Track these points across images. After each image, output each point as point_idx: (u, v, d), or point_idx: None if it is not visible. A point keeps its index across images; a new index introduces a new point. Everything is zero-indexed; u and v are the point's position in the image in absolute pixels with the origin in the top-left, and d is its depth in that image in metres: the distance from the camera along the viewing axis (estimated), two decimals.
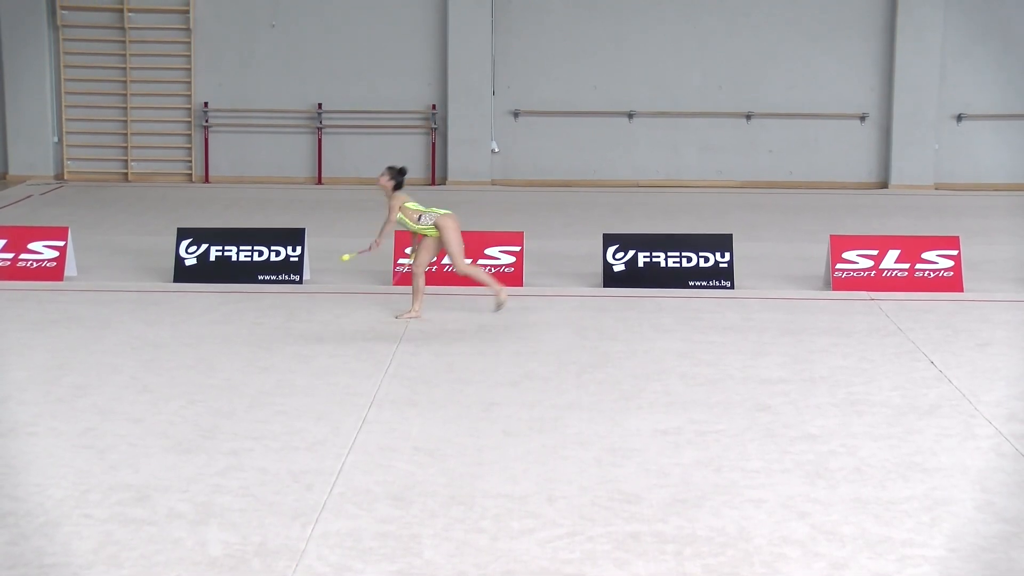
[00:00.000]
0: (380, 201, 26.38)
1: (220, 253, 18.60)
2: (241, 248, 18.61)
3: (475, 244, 18.40)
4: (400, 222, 16.20)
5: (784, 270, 19.60)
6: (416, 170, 29.10)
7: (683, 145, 29.14)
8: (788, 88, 29.04)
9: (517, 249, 18.42)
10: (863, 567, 9.08)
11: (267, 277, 18.45)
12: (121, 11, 28.96)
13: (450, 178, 28.95)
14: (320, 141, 29.13)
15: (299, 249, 18.55)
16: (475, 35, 28.66)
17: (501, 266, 18.31)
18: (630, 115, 29.00)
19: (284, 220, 22.48)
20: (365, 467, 10.93)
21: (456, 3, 28.60)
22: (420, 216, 16.07)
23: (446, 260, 17.44)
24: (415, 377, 13.75)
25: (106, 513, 9.78)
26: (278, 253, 18.55)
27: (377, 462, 11.06)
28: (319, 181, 29.13)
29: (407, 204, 16.14)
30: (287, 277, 18.46)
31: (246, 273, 18.48)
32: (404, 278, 18.19)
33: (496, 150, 29.06)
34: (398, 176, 16.30)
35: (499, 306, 16.11)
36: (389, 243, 18.67)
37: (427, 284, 17.02)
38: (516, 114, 29.12)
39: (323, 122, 29.12)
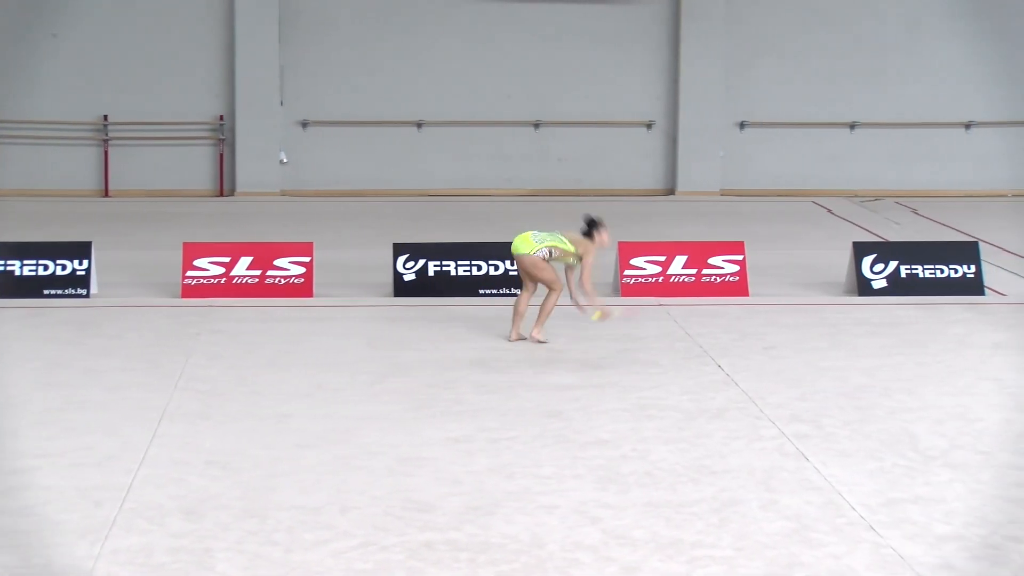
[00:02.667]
0: (171, 213, 26.15)
1: (3, 268, 18.21)
2: (25, 262, 18.23)
3: (264, 256, 18.28)
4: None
5: None
6: (204, 182, 28.85)
7: (473, 154, 29.25)
8: (576, 97, 29.32)
9: (307, 260, 18.32)
10: (654, 569, 9.22)
11: (53, 291, 18.12)
12: None
13: (239, 189, 28.71)
14: (107, 153, 28.68)
15: (86, 263, 18.24)
16: (263, 46, 28.47)
17: (291, 277, 18.21)
18: (419, 125, 29.07)
19: (70, 233, 22.09)
20: (157, 481, 10.80)
21: (243, 14, 28.38)
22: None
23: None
24: (207, 390, 13.62)
25: None
26: (64, 267, 18.23)
27: (169, 476, 10.94)
28: (106, 193, 28.67)
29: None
30: (74, 291, 18.14)
31: (31, 287, 18.10)
32: (192, 290, 18.00)
33: (285, 161, 28.88)
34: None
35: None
36: (177, 254, 18.46)
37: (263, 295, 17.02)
38: (305, 124, 28.98)
39: (109, 134, 28.68)
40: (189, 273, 18.18)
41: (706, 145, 29.33)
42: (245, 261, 18.27)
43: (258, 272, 18.23)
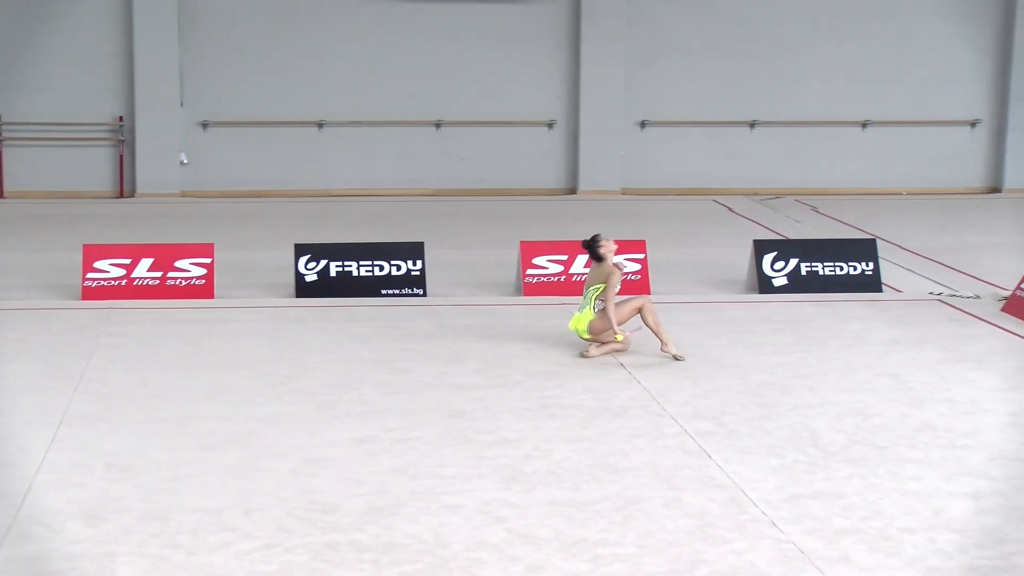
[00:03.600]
0: (70, 215, 25.90)
1: None
2: None
3: (165, 257, 18.16)
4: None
5: (477, 277, 19.80)
6: (104, 183, 28.58)
7: (375, 154, 29.19)
8: (478, 97, 29.33)
9: (208, 261, 18.22)
10: (558, 568, 9.26)
11: None
12: None
13: (139, 191, 28.47)
14: (1, 154, 28.35)
15: None
16: (162, 46, 28.23)
17: (192, 279, 18.09)
18: (320, 125, 28.98)
19: None
20: (55, 486, 10.70)
21: (141, 14, 28.13)
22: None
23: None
24: (108, 393, 13.51)
25: None
26: None
27: (68, 480, 10.84)
28: (1, 195, 28.34)
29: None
30: None
31: None
32: (92, 292, 17.84)
33: (185, 162, 28.68)
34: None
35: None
36: (77, 257, 18.29)
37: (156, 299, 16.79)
38: (205, 125, 28.80)
39: (4, 134, 28.35)
40: (89, 275, 18.02)
41: (607, 144, 29.44)
42: (146, 263, 18.13)
43: (159, 274, 18.10)
